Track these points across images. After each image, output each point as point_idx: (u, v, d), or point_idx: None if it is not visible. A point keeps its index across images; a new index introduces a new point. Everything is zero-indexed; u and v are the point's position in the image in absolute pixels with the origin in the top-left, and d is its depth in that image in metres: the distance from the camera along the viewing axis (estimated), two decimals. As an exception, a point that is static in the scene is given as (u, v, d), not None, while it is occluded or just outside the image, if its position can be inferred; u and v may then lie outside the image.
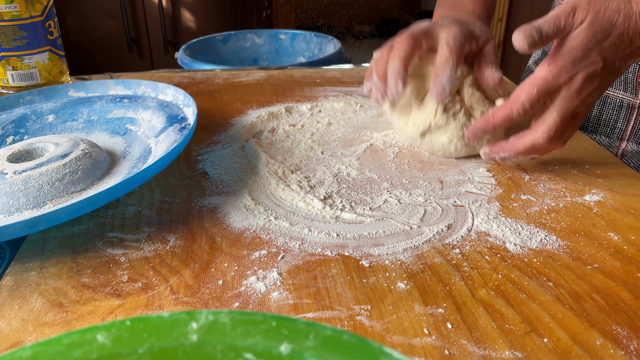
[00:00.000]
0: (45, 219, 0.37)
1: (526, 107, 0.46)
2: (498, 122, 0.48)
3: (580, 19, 0.44)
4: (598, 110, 0.65)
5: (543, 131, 0.47)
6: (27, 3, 0.61)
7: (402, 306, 0.35)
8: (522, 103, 0.46)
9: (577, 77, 0.45)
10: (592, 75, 0.45)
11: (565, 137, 0.49)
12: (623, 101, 0.62)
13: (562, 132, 0.48)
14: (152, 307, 0.35)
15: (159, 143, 0.52)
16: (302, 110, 0.67)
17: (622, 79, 0.62)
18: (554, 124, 0.46)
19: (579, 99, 0.46)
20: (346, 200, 0.47)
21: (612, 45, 0.44)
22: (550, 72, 0.45)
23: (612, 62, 0.45)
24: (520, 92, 0.46)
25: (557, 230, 0.43)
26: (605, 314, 0.34)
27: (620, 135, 0.64)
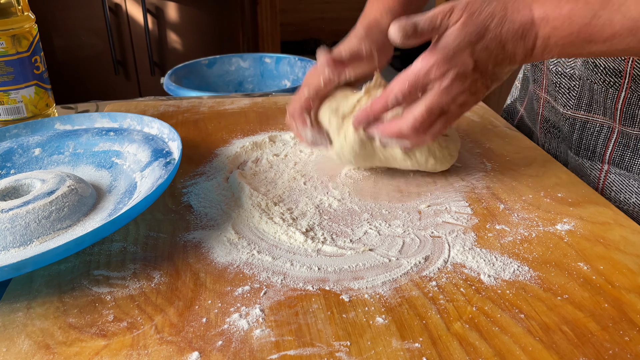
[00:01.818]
0: (32, 261, 0.38)
1: (399, 99, 0.49)
2: (376, 112, 0.52)
3: (455, 19, 0.47)
4: (579, 134, 0.67)
5: (409, 120, 0.50)
6: (13, 40, 0.62)
7: (380, 341, 0.36)
8: (396, 95, 0.49)
9: (448, 74, 0.47)
10: (462, 75, 0.47)
11: (434, 131, 0.51)
12: (603, 125, 0.64)
13: (429, 125, 0.50)
14: (137, 347, 0.36)
15: (144, 178, 0.53)
16: (285, 139, 0.69)
17: (600, 104, 0.63)
18: (420, 116, 0.49)
19: (449, 96, 0.48)
20: (327, 232, 0.49)
21: (484, 48, 0.47)
22: (423, 67, 0.48)
23: (484, 65, 0.48)
24: (394, 85, 0.49)
25: (530, 261, 0.44)
26: (573, 345, 0.36)
27: (601, 158, 0.66)
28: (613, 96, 0.61)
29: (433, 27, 0.47)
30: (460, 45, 0.46)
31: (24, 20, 0.64)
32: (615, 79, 0.60)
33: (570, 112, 0.67)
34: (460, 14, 0.47)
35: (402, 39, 0.46)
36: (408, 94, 0.49)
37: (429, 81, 0.48)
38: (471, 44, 0.47)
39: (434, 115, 0.49)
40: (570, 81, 0.66)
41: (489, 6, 0.47)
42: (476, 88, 0.49)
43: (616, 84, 0.60)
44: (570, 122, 0.68)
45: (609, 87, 0.61)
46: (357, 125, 0.54)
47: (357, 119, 0.53)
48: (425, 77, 0.48)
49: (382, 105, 0.51)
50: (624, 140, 0.63)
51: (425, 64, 0.47)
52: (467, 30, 0.46)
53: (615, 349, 0.35)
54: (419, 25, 0.47)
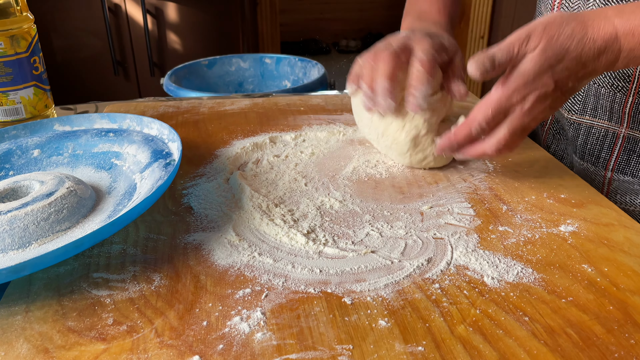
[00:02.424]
0: (31, 264, 0.37)
1: (483, 127, 0.50)
2: (460, 140, 0.53)
3: (533, 45, 0.47)
4: (583, 140, 0.67)
5: (492, 144, 0.51)
6: (12, 40, 0.62)
7: (383, 345, 0.35)
8: (479, 123, 0.50)
9: (529, 97, 0.48)
10: (543, 96, 0.48)
11: (514, 146, 0.52)
12: (608, 130, 0.64)
13: (511, 143, 0.51)
14: (137, 351, 0.35)
15: (144, 179, 0.53)
16: (286, 140, 0.68)
17: (607, 108, 0.63)
18: (504, 139, 0.50)
19: (530, 117, 0.49)
20: (329, 234, 0.48)
21: (564, 68, 0.47)
22: (504, 94, 0.48)
23: (564, 84, 0.48)
24: (477, 113, 0.50)
25: (533, 263, 0.44)
26: (578, 349, 0.35)
27: (605, 164, 0.65)
28: (621, 100, 0.61)
29: (511, 57, 0.48)
30: (541, 70, 0.47)
31: (23, 21, 0.64)
32: (624, 84, 0.59)
33: (575, 117, 0.67)
34: (538, 40, 0.47)
35: (481, 75, 0.47)
36: (492, 120, 0.50)
37: (511, 106, 0.49)
38: (551, 67, 0.47)
39: (517, 136, 0.50)
40: None
41: (568, 27, 0.46)
42: (556, 104, 0.50)
43: (624, 88, 0.60)
44: (575, 126, 0.68)
45: (617, 92, 0.60)
46: (439, 153, 0.55)
47: (440, 147, 0.54)
48: (507, 103, 0.48)
49: (465, 134, 0.52)
50: (629, 146, 0.62)
51: (506, 91, 0.48)
52: (547, 55, 0.46)
53: (620, 352, 0.35)
54: (496, 59, 0.47)
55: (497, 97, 0.48)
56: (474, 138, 0.52)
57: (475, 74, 0.48)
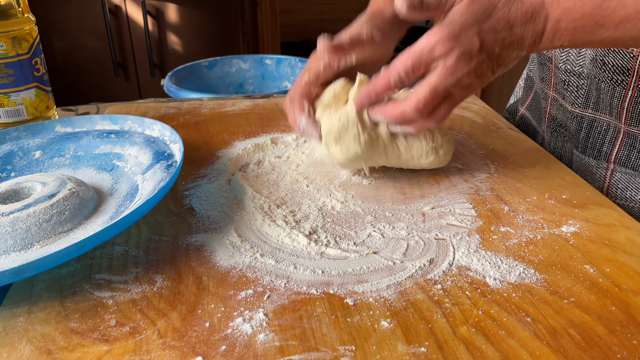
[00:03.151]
0: (33, 265, 0.37)
1: (402, 77, 0.47)
2: (378, 89, 0.50)
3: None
4: (585, 133, 0.67)
5: (412, 102, 0.48)
6: (13, 41, 0.62)
7: (385, 346, 0.36)
8: (398, 72, 0.47)
9: (453, 52, 0.45)
10: (467, 54, 0.45)
11: (439, 115, 0.49)
12: (609, 124, 0.64)
13: (434, 108, 0.48)
14: (140, 352, 0.35)
15: (145, 180, 0.53)
16: (287, 141, 0.68)
17: (607, 103, 0.63)
18: (424, 97, 0.47)
19: (454, 77, 0.46)
20: (331, 235, 0.48)
21: (491, 28, 0.45)
22: (428, 44, 0.46)
23: (490, 47, 0.46)
24: (397, 62, 0.47)
25: (535, 264, 0.44)
26: (581, 349, 0.35)
27: (607, 157, 0.65)
28: (620, 95, 0.61)
29: (440, 1, 0.46)
30: (467, 23, 0.45)
31: (24, 22, 0.64)
32: (623, 77, 0.59)
33: (579, 110, 0.67)
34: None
35: (407, 9, 0.45)
36: (411, 71, 0.47)
37: (433, 59, 0.46)
38: (478, 22, 0.45)
39: (439, 97, 0.48)
40: (579, 79, 0.66)
41: None
42: (482, 70, 0.47)
43: (624, 82, 0.60)
44: (578, 120, 0.68)
45: (616, 86, 0.60)
46: (358, 106, 0.52)
47: (358, 98, 0.52)
48: (430, 54, 0.46)
49: (384, 82, 0.49)
50: (629, 141, 0.62)
51: (430, 40, 0.46)
52: (474, 8, 0.45)
53: (623, 353, 0.35)
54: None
55: (420, 47, 0.46)
56: (392, 88, 0.49)
57: (401, 6, 0.45)
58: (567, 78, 0.67)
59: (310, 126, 0.56)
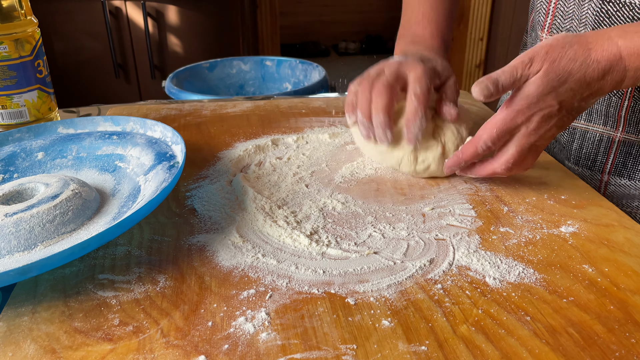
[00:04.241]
0: (37, 265, 0.38)
1: (489, 145, 0.52)
2: (467, 159, 0.54)
3: (536, 68, 0.48)
4: (578, 144, 0.68)
5: (501, 163, 0.52)
6: (16, 44, 0.63)
7: (386, 344, 0.36)
8: (485, 142, 0.51)
9: (533, 118, 0.49)
10: (547, 116, 0.49)
11: (526, 164, 0.53)
12: (603, 135, 0.64)
13: (521, 162, 0.52)
14: (144, 351, 0.36)
15: (148, 181, 0.53)
16: (288, 142, 0.69)
17: (602, 113, 0.64)
18: (512, 158, 0.51)
19: (536, 136, 0.50)
20: (332, 235, 0.49)
21: (568, 90, 0.48)
22: (508, 115, 0.49)
23: (569, 104, 0.49)
24: (483, 133, 0.51)
25: (534, 263, 0.44)
26: (580, 348, 0.36)
27: (601, 168, 0.66)
28: (617, 104, 0.61)
29: (514, 80, 0.49)
30: (544, 92, 0.48)
31: (27, 25, 0.64)
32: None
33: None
34: (540, 64, 0.48)
35: (485, 98, 0.49)
36: (497, 140, 0.51)
37: (516, 126, 0.50)
38: (554, 89, 0.48)
39: (525, 154, 0.51)
40: None
41: (570, 50, 0.47)
42: (562, 122, 0.50)
43: (620, 92, 0.60)
44: (570, 132, 0.68)
45: (612, 95, 0.61)
46: (448, 172, 0.57)
47: (448, 165, 0.56)
48: (513, 123, 0.50)
49: (472, 152, 0.53)
50: (625, 149, 0.63)
51: (510, 112, 0.49)
52: (549, 78, 0.47)
53: (621, 351, 0.35)
54: (499, 82, 0.48)
55: (502, 118, 0.50)
56: (481, 156, 0.53)
57: (479, 97, 0.49)
58: None
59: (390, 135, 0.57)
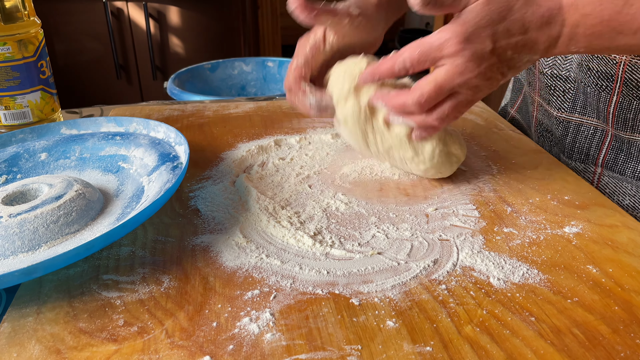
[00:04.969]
0: (42, 266, 0.38)
1: (407, 65, 0.46)
2: (382, 72, 0.49)
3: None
4: (572, 138, 0.68)
5: (415, 94, 0.47)
6: (19, 45, 0.63)
7: (391, 345, 0.36)
8: (404, 60, 0.46)
9: (463, 52, 0.44)
10: (478, 56, 0.44)
11: (442, 113, 0.48)
12: (597, 128, 0.64)
13: (437, 105, 0.48)
14: (149, 351, 0.36)
15: (151, 182, 0.53)
16: (291, 142, 0.69)
17: (594, 107, 0.64)
18: (427, 92, 0.46)
19: (462, 77, 0.45)
20: (335, 236, 0.49)
21: (505, 30, 0.44)
22: (438, 39, 0.45)
23: (503, 49, 0.45)
24: (405, 50, 0.46)
25: (539, 264, 0.44)
26: (584, 348, 0.36)
27: (594, 161, 0.66)
28: (606, 100, 0.61)
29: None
30: (481, 23, 0.44)
31: (30, 25, 0.64)
32: (607, 83, 0.60)
33: (565, 114, 0.67)
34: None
35: (421, 4, 0.44)
36: (417, 62, 0.46)
37: (442, 56, 0.45)
38: (492, 23, 0.44)
39: (443, 94, 0.46)
40: (565, 83, 0.66)
41: None
42: (491, 73, 0.46)
43: (608, 88, 0.60)
44: (564, 125, 0.68)
45: (601, 91, 0.61)
46: (361, 82, 0.52)
47: (362, 76, 0.51)
48: (439, 50, 0.45)
49: (388, 67, 0.48)
50: (617, 144, 0.63)
51: (442, 36, 0.45)
52: (490, 8, 0.44)
53: (626, 352, 0.35)
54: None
55: (430, 40, 0.45)
56: (396, 76, 0.48)
57: (414, 1, 0.44)
58: (553, 83, 0.67)
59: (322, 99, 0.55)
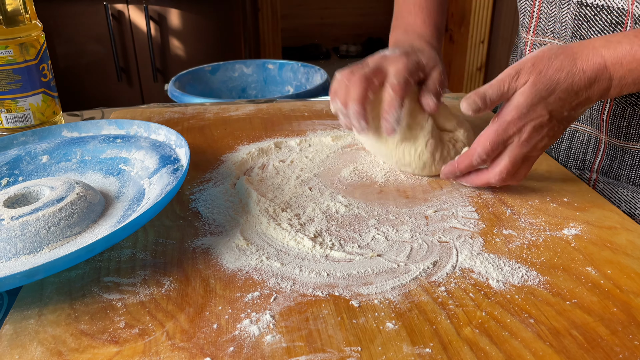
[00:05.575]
0: (44, 268, 0.38)
1: (483, 158, 0.52)
2: (462, 169, 0.55)
3: (523, 80, 0.49)
4: (567, 144, 0.68)
5: (496, 173, 0.53)
6: (21, 48, 0.63)
7: (391, 347, 0.36)
8: (479, 154, 0.52)
9: (525, 128, 0.50)
10: (539, 126, 0.50)
11: (520, 175, 0.54)
12: (591, 135, 0.65)
13: (515, 172, 0.53)
14: (149, 353, 0.36)
15: (152, 184, 0.54)
16: (291, 145, 0.69)
17: (587, 115, 0.64)
18: (505, 168, 0.52)
19: (529, 146, 0.51)
20: (335, 238, 0.49)
21: (557, 99, 0.49)
22: (500, 126, 0.50)
23: (559, 114, 0.50)
24: (477, 145, 0.52)
25: (538, 266, 0.44)
26: (583, 350, 0.36)
27: (590, 167, 0.66)
28: (599, 108, 0.62)
29: (502, 93, 0.50)
30: (533, 102, 0.49)
31: (32, 29, 0.65)
32: None
33: None
34: (527, 76, 0.49)
35: (473, 112, 0.50)
36: (491, 152, 0.51)
37: (509, 137, 0.50)
38: (543, 99, 0.48)
39: (518, 165, 0.52)
40: None
41: (557, 60, 0.48)
42: (554, 132, 0.51)
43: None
44: None
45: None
46: (444, 177, 0.58)
47: (445, 173, 0.56)
48: (505, 134, 0.50)
49: (467, 164, 0.54)
50: (611, 151, 0.63)
51: (502, 123, 0.50)
52: (538, 88, 0.48)
53: (625, 353, 0.36)
54: (487, 96, 0.50)
55: (494, 130, 0.50)
56: (476, 167, 0.54)
57: (467, 111, 0.50)
58: None
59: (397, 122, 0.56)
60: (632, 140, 0.61)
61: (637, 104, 0.60)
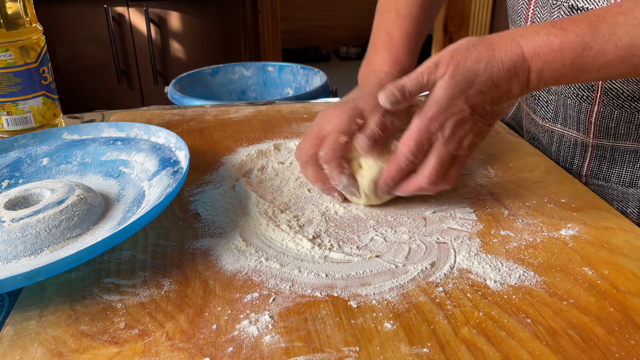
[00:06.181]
0: (44, 270, 0.38)
1: (410, 159, 0.50)
2: (393, 175, 0.51)
3: (441, 72, 0.47)
4: (557, 147, 0.69)
5: (425, 176, 0.50)
6: (21, 51, 0.63)
7: (389, 347, 0.36)
8: (406, 156, 0.49)
9: (447, 124, 0.48)
10: (461, 121, 0.48)
11: (451, 177, 0.51)
12: (577, 140, 0.65)
13: (445, 173, 0.50)
14: (149, 353, 0.36)
15: (152, 187, 0.54)
16: (290, 147, 0.69)
17: (575, 119, 0.64)
18: (434, 169, 0.49)
19: (453, 143, 0.49)
20: (334, 239, 0.49)
21: (477, 92, 0.47)
22: (422, 123, 0.48)
23: (481, 108, 0.48)
24: (402, 147, 0.50)
25: (535, 266, 0.45)
26: (580, 350, 0.36)
27: (579, 170, 0.67)
28: (587, 110, 0.62)
29: (421, 85, 0.48)
30: (452, 96, 0.47)
31: (32, 32, 0.65)
32: (588, 93, 0.61)
33: (549, 124, 0.69)
34: (446, 67, 0.47)
35: (392, 105, 0.48)
36: (417, 152, 0.49)
37: (432, 134, 0.49)
38: (463, 92, 0.47)
39: (446, 164, 0.50)
40: (548, 95, 0.68)
41: (475, 51, 0.47)
42: (478, 128, 0.50)
43: (589, 98, 0.61)
44: (549, 134, 0.69)
45: (582, 102, 0.62)
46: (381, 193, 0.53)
47: (380, 187, 0.53)
48: (427, 132, 0.48)
49: (397, 170, 0.51)
50: (599, 153, 0.63)
51: (423, 119, 0.48)
52: (456, 80, 0.47)
53: (621, 353, 0.36)
54: (406, 88, 0.48)
55: (416, 127, 0.49)
56: (406, 172, 0.51)
57: (385, 104, 0.49)
58: (537, 92, 0.68)
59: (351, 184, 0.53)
60: (621, 139, 0.61)
61: (623, 107, 0.60)
